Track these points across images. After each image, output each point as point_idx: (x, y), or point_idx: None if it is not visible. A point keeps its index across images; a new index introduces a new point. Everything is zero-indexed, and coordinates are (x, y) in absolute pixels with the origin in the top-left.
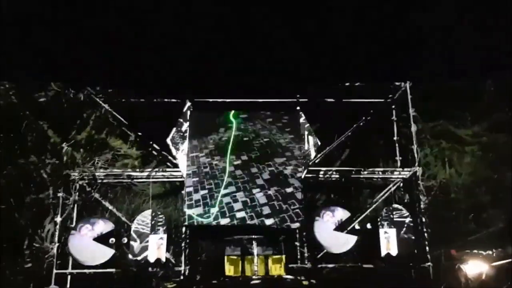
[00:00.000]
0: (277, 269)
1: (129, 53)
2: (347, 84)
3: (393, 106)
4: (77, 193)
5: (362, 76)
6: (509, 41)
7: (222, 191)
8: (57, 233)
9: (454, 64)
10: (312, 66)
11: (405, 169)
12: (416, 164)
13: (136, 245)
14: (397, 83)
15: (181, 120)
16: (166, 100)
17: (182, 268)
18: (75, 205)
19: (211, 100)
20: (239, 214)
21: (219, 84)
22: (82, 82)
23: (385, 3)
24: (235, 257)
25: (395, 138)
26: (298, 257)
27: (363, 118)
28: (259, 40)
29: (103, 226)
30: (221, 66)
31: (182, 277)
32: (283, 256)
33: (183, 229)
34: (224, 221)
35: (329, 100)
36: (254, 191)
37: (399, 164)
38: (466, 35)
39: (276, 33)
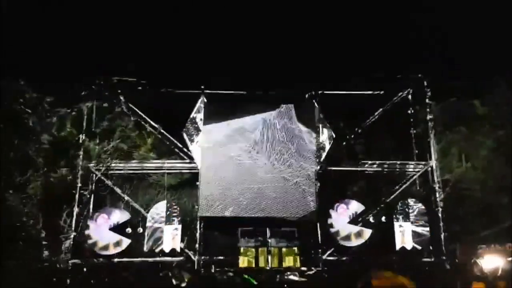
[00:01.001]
0: (290, 261)
1: (144, 45)
2: (362, 76)
3: (410, 99)
4: (94, 184)
5: (378, 69)
6: None
7: (237, 183)
8: (74, 223)
9: (469, 59)
10: (327, 59)
11: (421, 163)
12: (433, 157)
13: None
14: (413, 75)
15: (196, 111)
16: (180, 91)
17: (197, 258)
18: (92, 195)
19: (225, 92)
20: (254, 206)
21: (233, 77)
22: (98, 74)
23: None
24: (249, 249)
25: (411, 131)
26: (312, 249)
27: (379, 110)
28: (274, 31)
29: (119, 215)
30: (236, 59)
31: (196, 267)
32: (297, 248)
33: (198, 220)
34: (238, 213)
35: (345, 92)
36: (269, 183)
37: (415, 157)
38: (482, 31)
39: (291, 26)
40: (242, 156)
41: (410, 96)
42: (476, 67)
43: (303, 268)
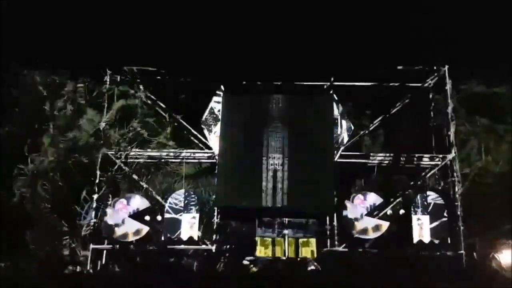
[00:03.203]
0: (307, 252)
1: (165, 35)
2: (383, 68)
3: (430, 91)
4: (113, 171)
5: (399, 60)
6: None
7: (253, 173)
8: (93, 209)
9: (490, 51)
10: (346, 50)
11: (441, 156)
12: (452, 150)
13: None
14: (434, 67)
15: (215, 102)
16: (200, 81)
17: (214, 247)
18: (111, 182)
19: (244, 82)
20: (271, 196)
21: (252, 67)
22: (119, 63)
23: None
24: (266, 239)
25: (431, 123)
26: (329, 240)
27: (399, 103)
28: (292, 22)
29: (139, 201)
30: (255, 49)
31: (213, 256)
32: (313, 239)
33: (215, 209)
34: (255, 203)
35: (363, 84)
36: (287, 174)
37: (434, 150)
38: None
39: (310, 15)
40: (260, 147)
41: (430, 88)
42: (498, 58)
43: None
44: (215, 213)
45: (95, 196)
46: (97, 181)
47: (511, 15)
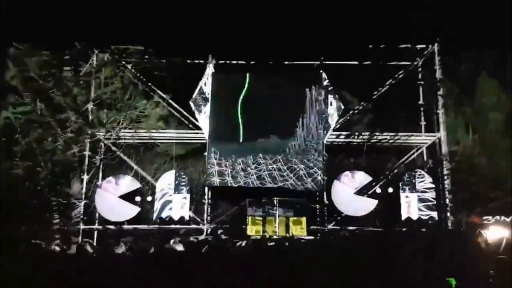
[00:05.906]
0: (297, 230)
1: (153, 14)
2: (372, 46)
3: (420, 70)
4: (103, 152)
5: (389, 38)
6: None
7: (245, 152)
8: (83, 190)
9: (482, 31)
10: (337, 28)
11: (429, 134)
12: (441, 129)
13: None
14: (424, 46)
15: (204, 81)
16: (189, 61)
17: (205, 226)
18: (101, 163)
19: (233, 62)
20: (261, 176)
21: (242, 46)
22: (107, 42)
23: None
24: (257, 218)
25: (420, 102)
26: (318, 219)
27: (389, 81)
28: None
29: (129, 182)
30: (245, 28)
31: (204, 235)
32: (304, 218)
33: (205, 189)
34: (245, 182)
35: (353, 63)
36: (276, 153)
37: (423, 129)
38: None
39: None
40: (250, 127)
41: (419, 67)
42: (487, 37)
43: (309, 237)
44: (206, 193)
45: (85, 178)
46: (86, 162)
47: None
